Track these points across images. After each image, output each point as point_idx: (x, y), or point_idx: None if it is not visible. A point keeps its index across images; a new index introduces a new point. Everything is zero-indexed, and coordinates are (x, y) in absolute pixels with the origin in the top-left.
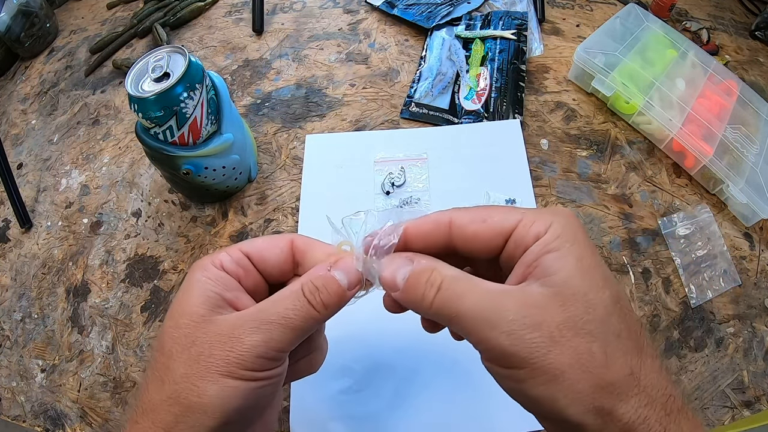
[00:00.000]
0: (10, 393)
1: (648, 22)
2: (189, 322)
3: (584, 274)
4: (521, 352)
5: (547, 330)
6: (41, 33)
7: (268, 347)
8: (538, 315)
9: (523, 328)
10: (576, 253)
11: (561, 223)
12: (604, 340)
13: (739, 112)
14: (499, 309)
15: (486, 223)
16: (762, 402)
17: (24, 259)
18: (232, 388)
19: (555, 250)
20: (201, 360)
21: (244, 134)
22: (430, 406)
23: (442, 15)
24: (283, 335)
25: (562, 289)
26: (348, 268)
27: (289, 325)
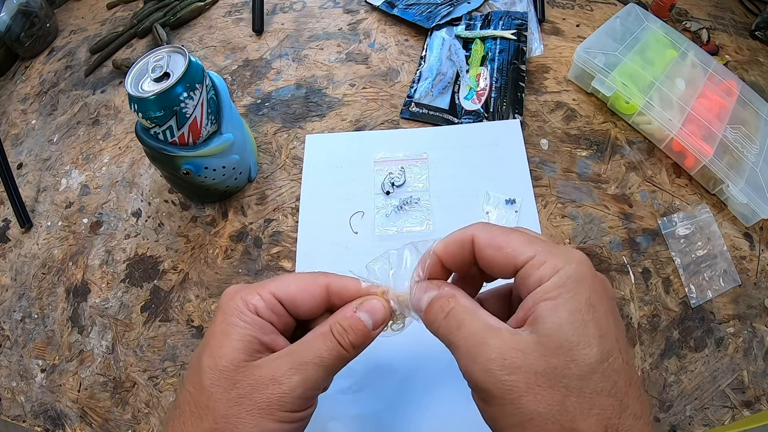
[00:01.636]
0: (10, 393)
1: (648, 22)
2: (229, 365)
3: (575, 328)
4: (494, 390)
5: (524, 376)
6: (41, 33)
7: (306, 388)
8: (519, 359)
9: (500, 369)
10: (572, 305)
11: (568, 271)
12: (580, 395)
13: (739, 112)
14: (484, 345)
15: (501, 251)
16: (762, 402)
17: (24, 259)
18: (271, 429)
19: (551, 299)
20: (243, 403)
21: (244, 134)
22: (429, 407)
23: (442, 15)
24: (318, 375)
25: (547, 340)
26: (373, 309)
27: (323, 365)
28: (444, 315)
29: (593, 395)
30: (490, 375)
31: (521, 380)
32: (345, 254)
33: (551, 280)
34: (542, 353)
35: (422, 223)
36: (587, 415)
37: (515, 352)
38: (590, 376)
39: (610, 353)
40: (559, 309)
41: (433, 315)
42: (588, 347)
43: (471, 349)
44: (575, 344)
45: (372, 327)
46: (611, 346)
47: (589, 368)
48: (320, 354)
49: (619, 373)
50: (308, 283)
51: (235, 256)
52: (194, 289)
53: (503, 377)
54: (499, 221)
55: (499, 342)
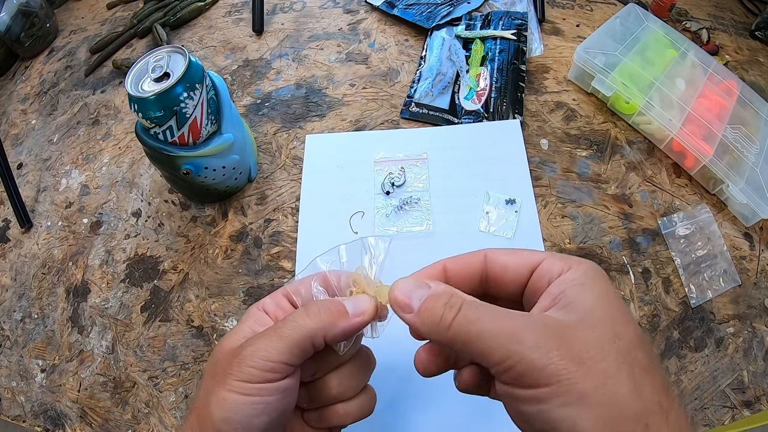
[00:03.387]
0: (10, 393)
1: (648, 22)
2: (220, 350)
3: (610, 306)
4: (548, 367)
5: (576, 349)
6: (41, 33)
7: (256, 357)
8: (565, 335)
9: (551, 345)
10: (601, 289)
11: (584, 265)
12: (631, 370)
13: (739, 112)
14: (522, 326)
15: (516, 255)
16: (762, 402)
17: (24, 259)
18: (223, 400)
19: (580, 283)
20: (214, 378)
21: (244, 134)
22: (428, 407)
23: (442, 15)
24: (271, 344)
25: (588, 315)
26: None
27: (278, 334)
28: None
29: (641, 371)
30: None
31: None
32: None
33: (572, 270)
34: (588, 327)
35: (422, 223)
36: (640, 390)
37: (561, 329)
38: (636, 350)
39: (642, 336)
40: (591, 290)
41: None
42: (627, 324)
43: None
44: (615, 320)
45: (352, 313)
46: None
47: (633, 343)
48: (279, 324)
49: (651, 355)
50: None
51: (235, 256)
52: (194, 289)
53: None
54: (499, 221)
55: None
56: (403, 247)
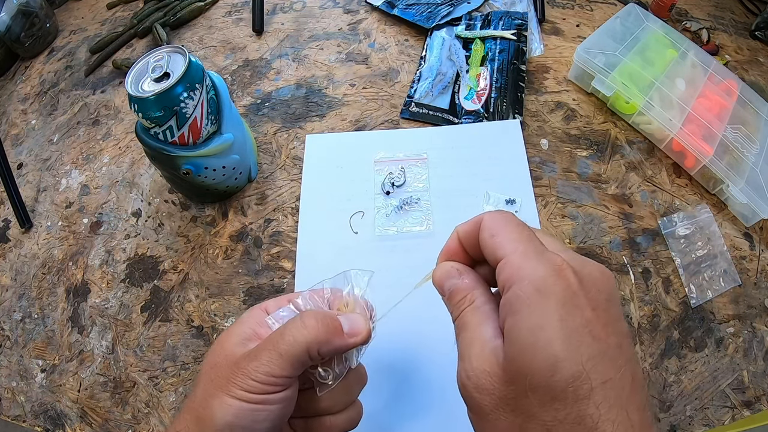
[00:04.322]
0: (10, 393)
1: (648, 22)
2: (221, 351)
3: (534, 351)
4: (468, 401)
5: (489, 397)
6: (41, 33)
7: (259, 373)
8: (487, 382)
9: (474, 386)
10: (533, 323)
11: (534, 277)
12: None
13: (739, 112)
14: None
15: (492, 239)
16: (762, 402)
17: (24, 259)
18: (227, 405)
19: (516, 311)
20: (215, 381)
21: (244, 134)
22: (428, 406)
23: (442, 15)
24: (270, 360)
25: (510, 365)
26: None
27: (278, 350)
28: (458, 312)
29: (555, 424)
30: (466, 387)
31: (487, 401)
32: (345, 254)
33: (518, 286)
34: (504, 378)
35: (422, 223)
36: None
37: (485, 374)
38: (550, 404)
39: (576, 377)
40: (520, 327)
41: (452, 308)
42: (549, 373)
43: (462, 354)
44: (535, 371)
45: (348, 333)
46: (576, 370)
47: (549, 397)
48: (276, 338)
49: (582, 400)
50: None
51: (235, 256)
52: (194, 289)
53: (474, 394)
54: None
55: (478, 360)
56: (403, 247)
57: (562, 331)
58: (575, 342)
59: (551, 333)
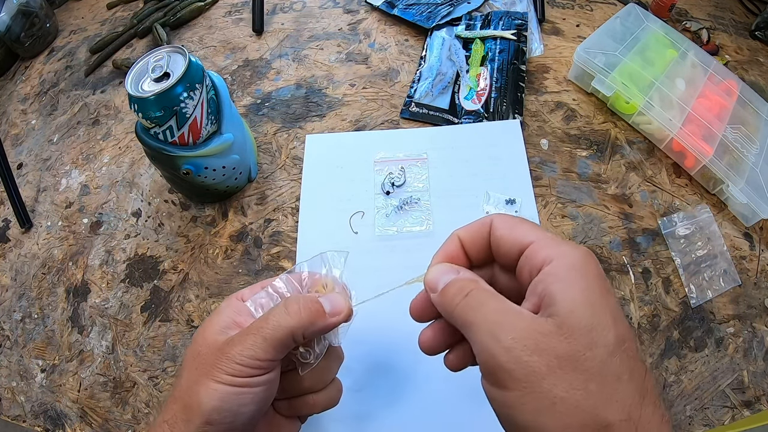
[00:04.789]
0: (10, 393)
1: (648, 22)
2: (202, 341)
3: (590, 309)
4: (516, 371)
5: (547, 358)
6: (41, 33)
7: (242, 355)
8: (541, 342)
9: (523, 349)
10: (583, 285)
11: (572, 254)
12: (602, 380)
13: (739, 112)
14: (506, 325)
15: (511, 231)
16: (762, 402)
17: (24, 259)
18: (213, 390)
19: (561, 279)
20: (199, 369)
21: (244, 134)
22: (428, 406)
23: (442, 15)
24: (254, 344)
25: (566, 321)
26: (335, 298)
27: (261, 334)
28: (463, 295)
29: (614, 381)
30: (512, 354)
31: (543, 362)
32: None
33: (556, 261)
34: (564, 336)
35: (422, 223)
36: (609, 401)
37: (537, 334)
38: (610, 359)
39: (625, 338)
40: (572, 290)
41: (451, 296)
42: (605, 329)
43: (492, 327)
44: (593, 327)
45: (329, 313)
46: (625, 329)
47: (608, 351)
48: (260, 323)
49: (634, 359)
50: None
51: (235, 256)
52: (194, 289)
53: (525, 357)
54: None
55: (521, 323)
56: (403, 247)
57: (606, 297)
58: (616, 308)
59: (599, 296)
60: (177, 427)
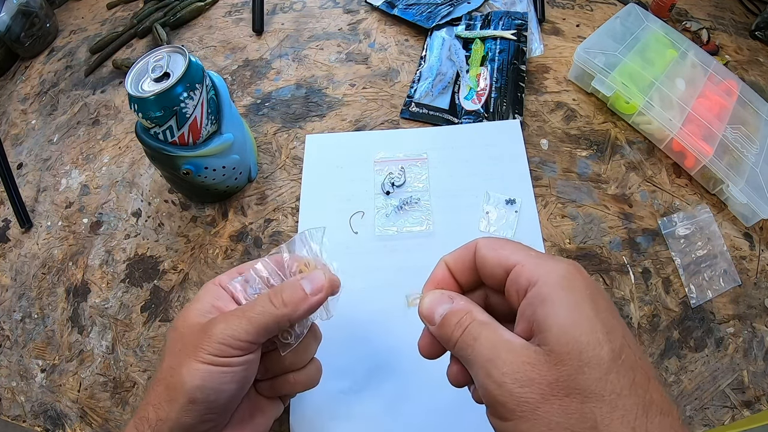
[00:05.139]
0: (10, 393)
1: (648, 22)
2: (183, 324)
3: (578, 329)
4: (509, 403)
5: (538, 387)
6: (41, 33)
7: (226, 335)
8: (531, 372)
9: (513, 382)
10: (570, 303)
11: (556, 272)
12: (599, 399)
13: (739, 112)
14: (497, 360)
15: (495, 252)
16: (762, 402)
17: (24, 259)
18: (195, 369)
19: (549, 301)
20: (181, 351)
21: (244, 134)
22: (428, 407)
23: (442, 15)
24: (240, 325)
25: (555, 347)
26: (314, 276)
27: (247, 316)
28: (461, 330)
29: (613, 397)
30: (505, 388)
31: (535, 392)
32: (345, 254)
33: (543, 282)
34: (552, 362)
35: (422, 223)
36: (610, 418)
37: (527, 365)
38: (606, 377)
39: (622, 350)
40: (559, 309)
41: (450, 330)
42: (597, 348)
43: (485, 364)
44: (583, 348)
45: (310, 292)
46: (621, 338)
47: (603, 369)
48: (247, 308)
49: (635, 369)
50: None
51: (235, 256)
52: (194, 289)
53: (517, 389)
54: (499, 221)
55: (511, 355)
56: (403, 247)
57: (596, 310)
58: (609, 318)
59: (589, 311)
60: (161, 408)
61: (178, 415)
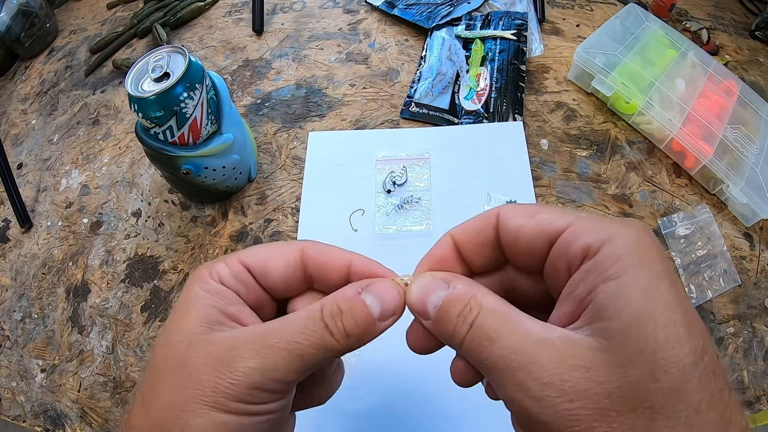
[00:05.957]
0: (10, 393)
1: (648, 22)
2: (182, 340)
3: (654, 319)
4: (554, 422)
5: (595, 400)
6: (41, 33)
7: (265, 377)
8: (584, 379)
9: (559, 395)
10: (645, 284)
11: (628, 236)
12: (672, 417)
13: (739, 112)
14: (532, 366)
15: (533, 218)
16: (762, 402)
17: (24, 259)
18: (221, 423)
19: (614, 278)
20: (188, 386)
21: (244, 134)
22: (424, 405)
23: (442, 15)
24: (286, 364)
25: (620, 342)
26: (383, 293)
27: (296, 352)
28: (468, 326)
29: (689, 412)
30: (546, 404)
31: (590, 406)
32: None
33: (604, 250)
34: (615, 364)
35: (422, 223)
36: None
37: (577, 370)
38: (684, 387)
39: (705, 348)
40: (632, 291)
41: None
42: (678, 345)
43: (514, 374)
44: (659, 345)
45: (378, 317)
46: (704, 337)
47: (683, 375)
48: (295, 338)
49: (717, 375)
50: (282, 247)
51: None
52: None
53: (563, 406)
54: None
55: (552, 359)
56: (402, 246)
57: (676, 294)
58: (689, 307)
59: (668, 295)
60: None
61: None
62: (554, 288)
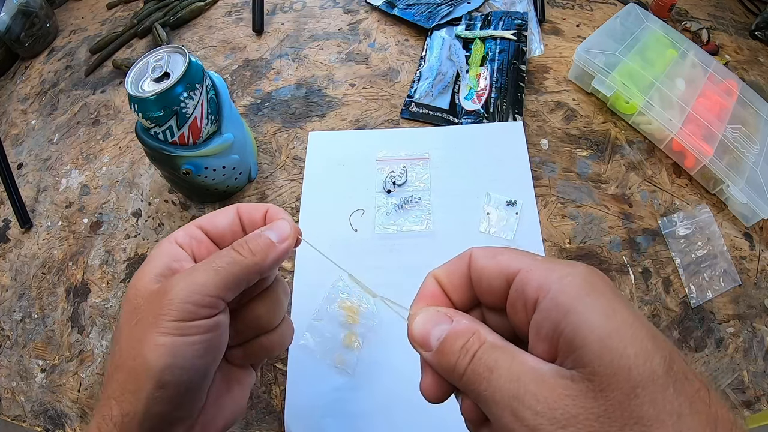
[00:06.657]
0: (10, 393)
1: (648, 22)
2: (136, 293)
3: (622, 339)
4: None
5: (585, 424)
6: (41, 33)
7: (189, 291)
8: (573, 407)
9: (551, 423)
10: (602, 308)
11: (576, 274)
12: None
13: (739, 112)
14: (526, 396)
15: (493, 259)
16: (762, 402)
17: (24, 259)
18: (160, 345)
19: (573, 310)
20: (140, 323)
21: (244, 134)
22: (423, 406)
23: (442, 15)
24: (206, 278)
25: (597, 370)
26: (279, 225)
27: (213, 267)
28: (469, 358)
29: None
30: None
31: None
32: (344, 252)
33: (558, 288)
34: (597, 389)
35: (422, 223)
36: None
37: (565, 398)
38: (663, 396)
39: (672, 357)
40: (592, 318)
41: (454, 358)
42: (647, 359)
43: (510, 403)
44: (633, 359)
45: (277, 241)
46: (669, 347)
47: (658, 387)
48: (213, 261)
49: (689, 378)
50: (224, 208)
51: None
52: None
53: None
54: (500, 223)
55: (543, 388)
56: (402, 246)
57: (634, 313)
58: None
59: (626, 314)
60: (125, 401)
61: (146, 405)
62: (517, 326)
